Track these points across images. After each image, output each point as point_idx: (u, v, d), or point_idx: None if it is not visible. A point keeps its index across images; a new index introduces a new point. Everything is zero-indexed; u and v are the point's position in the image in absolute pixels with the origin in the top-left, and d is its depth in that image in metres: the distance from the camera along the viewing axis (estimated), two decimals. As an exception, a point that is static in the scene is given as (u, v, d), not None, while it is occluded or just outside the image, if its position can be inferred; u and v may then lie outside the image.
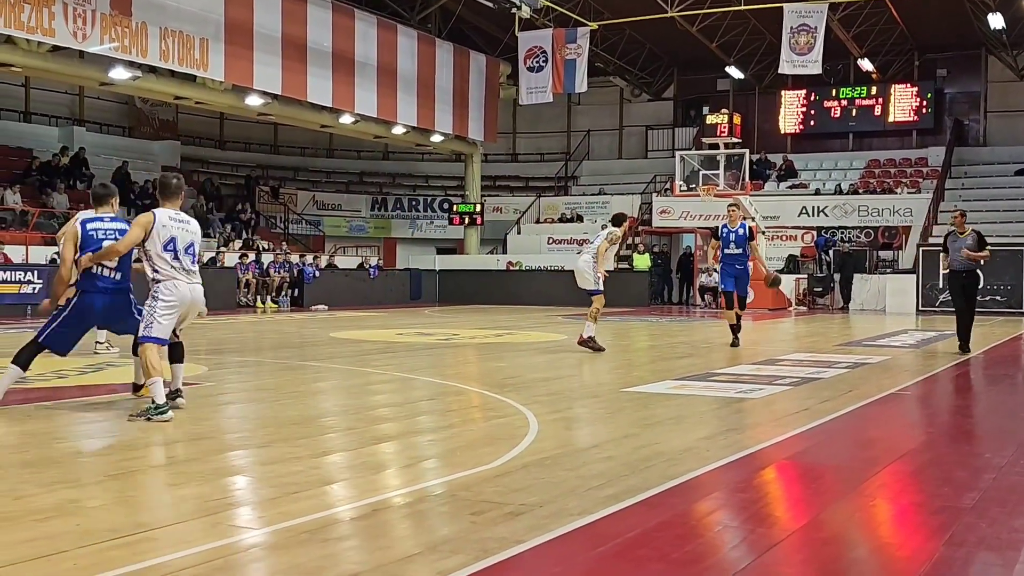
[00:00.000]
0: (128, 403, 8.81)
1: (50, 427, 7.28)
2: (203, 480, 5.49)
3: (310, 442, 6.81)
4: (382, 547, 4.25)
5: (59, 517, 4.63)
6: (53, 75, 25.05)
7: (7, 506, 4.78)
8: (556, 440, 6.82)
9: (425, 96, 31.29)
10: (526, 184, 41.17)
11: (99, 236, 7.81)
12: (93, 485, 5.47)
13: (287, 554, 4.17)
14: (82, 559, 4.01)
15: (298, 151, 40.57)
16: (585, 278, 13.77)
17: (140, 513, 4.85)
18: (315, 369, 11.49)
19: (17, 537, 4.24)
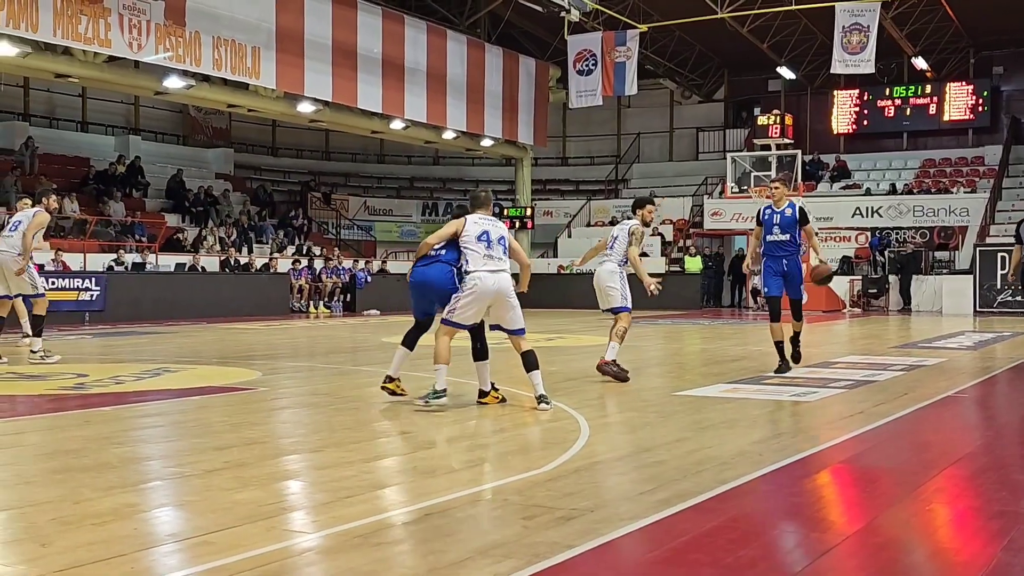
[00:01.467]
0: (187, 407, 8.94)
1: (109, 432, 7.39)
2: (258, 484, 5.54)
3: (363, 447, 6.85)
4: (434, 551, 4.27)
5: (117, 521, 4.69)
6: (109, 85, 25.47)
7: (67, 510, 4.86)
8: (607, 444, 6.80)
9: (475, 101, 31.37)
10: (576, 187, 41.14)
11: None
12: (150, 489, 5.55)
13: (340, 558, 4.20)
14: (139, 562, 4.07)
15: (349, 157, 40.84)
16: (608, 294, 10.87)
17: (196, 517, 4.90)
18: (367, 374, 11.55)
19: (76, 540, 4.31)
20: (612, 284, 10.75)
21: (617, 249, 10.92)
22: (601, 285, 10.89)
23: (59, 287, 21.66)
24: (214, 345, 15.54)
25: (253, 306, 25.20)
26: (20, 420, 7.88)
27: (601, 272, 10.92)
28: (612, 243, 10.96)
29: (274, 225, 33.74)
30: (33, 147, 29.34)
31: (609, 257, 10.94)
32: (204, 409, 8.90)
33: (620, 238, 10.89)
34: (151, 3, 21.41)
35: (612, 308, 10.86)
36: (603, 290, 10.90)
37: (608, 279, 10.81)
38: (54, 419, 7.71)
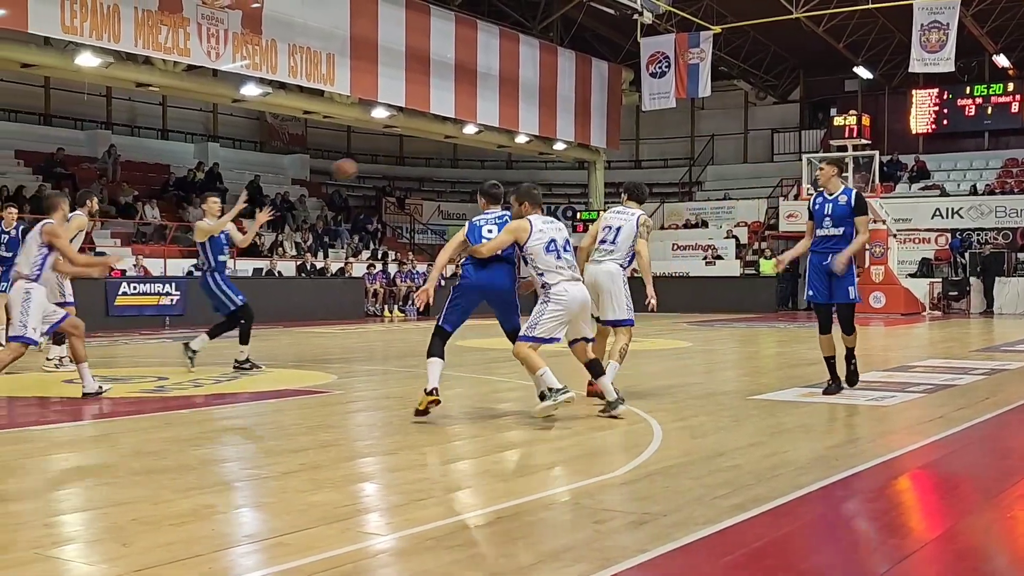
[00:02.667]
0: (264, 409, 9.06)
1: (187, 434, 7.52)
2: (333, 487, 5.61)
3: (436, 449, 6.90)
4: (506, 554, 4.28)
5: (195, 522, 4.78)
6: (188, 93, 25.98)
7: (147, 511, 4.96)
8: (681, 448, 6.77)
9: (547, 104, 31.39)
10: (649, 190, 40.86)
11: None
12: (228, 491, 5.64)
13: (413, 560, 4.23)
14: (217, 563, 4.14)
15: (423, 162, 41.11)
16: (615, 302, 8.96)
17: (272, 518, 4.97)
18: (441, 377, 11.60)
19: (156, 541, 4.40)
20: (619, 289, 8.96)
21: (621, 244, 8.96)
22: (604, 289, 8.91)
23: (140, 292, 22.10)
24: (290, 349, 15.74)
25: (328, 310, 25.45)
26: (103, 422, 8.06)
27: (601, 273, 8.92)
28: (614, 235, 8.98)
29: (349, 230, 34.08)
30: (115, 155, 29.99)
31: (611, 254, 8.97)
32: (280, 412, 9.02)
33: (625, 230, 8.99)
34: (228, 12, 21.77)
35: (617, 320, 9.01)
36: (608, 295, 8.92)
37: (613, 282, 8.92)
38: (135, 421, 7.87)
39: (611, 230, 9.05)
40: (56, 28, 19.15)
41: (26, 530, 4.56)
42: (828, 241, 9.21)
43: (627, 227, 9.03)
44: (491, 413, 8.78)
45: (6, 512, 4.90)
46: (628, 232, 9.01)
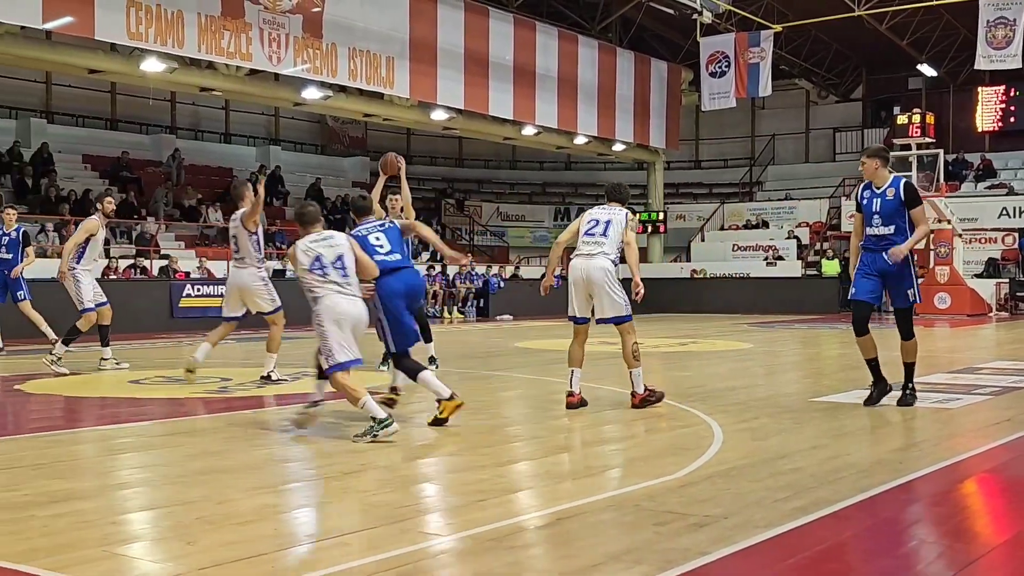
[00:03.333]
0: (325, 410, 9.14)
1: (250, 434, 7.61)
2: (393, 487, 5.64)
3: (495, 451, 6.91)
4: (566, 556, 4.28)
5: (258, 521, 4.84)
6: (250, 97, 26.31)
7: (211, 510, 5.03)
8: (741, 450, 6.72)
9: (606, 105, 31.34)
10: (710, 191, 40.70)
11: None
12: (290, 490, 5.70)
13: (473, 561, 4.24)
14: (279, 562, 4.18)
15: (482, 164, 41.22)
16: (613, 299, 8.50)
17: (334, 518, 5.02)
18: (501, 379, 11.64)
19: (220, 540, 4.46)
20: (614, 285, 8.47)
21: (612, 238, 8.47)
22: (598, 284, 8.42)
23: (204, 294, 22.40)
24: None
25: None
26: (168, 422, 8.18)
27: (593, 268, 8.40)
28: (604, 228, 8.50)
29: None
30: (180, 158, 30.44)
31: (601, 248, 8.44)
32: (341, 413, 9.08)
33: (614, 224, 8.51)
34: (290, 17, 22.01)
35: (618, 317, 8.57)
36: (604, 292, 8.44)
37: (607, 278, 8.42)
38: (199, 421, 7.97)
39: (599, 223, 8.57)
40: (122, 35, 19.50)
41: (93, 528, 4.64)
42: (881, 241, 8.40)
43: (616, 221, 8.54)
44: (550, 415, 8.77)
45: (74, 510, 4.99)
46: (618, 227, 8.51)
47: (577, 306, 8.61)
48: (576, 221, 8.87)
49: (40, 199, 25.25)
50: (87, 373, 11.99)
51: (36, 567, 4.01)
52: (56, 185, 25.80)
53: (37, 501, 5.18)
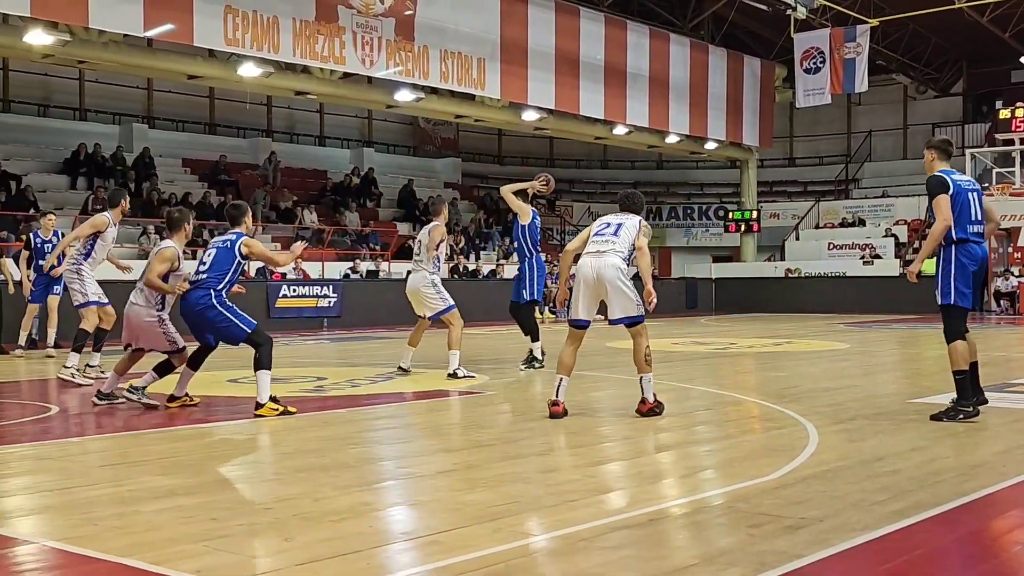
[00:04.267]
0: (418, 410, 9.23)
1: (346, 433, 7.72)
2: (486, 486, 5.68)
3: (587, 451, 6.91)
4: (659, 556, 4.26)
5: (353, 518, 4.91)
6: (344, 100, 26.67)
7: (307, 507, 5.11)
8: (837, 452, 6.61)
9: (698, 104, 31.09)
10: (804, 189, 40.12)
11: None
12: (384, 489, 5.77)
13: (565, 561, 4.25)
14: (374, 559, 4.24)
15: (573, 163, 41.19)
16: (627, 298, 8.10)
17: (427, 517, 5.07)
18: (592, 379, 11.61)
19: (316, 536, 4.53)
20: (627, 285, 8.08)
21: (624, 239, 8.17)
22: (610, 282, 8.04)
23: (299, 294, 22.76)
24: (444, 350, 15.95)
25: (481, 311, 25.67)
26: (265, 421, 8.32)
27: (605, 265, 8.05)
28: (615, 230, 8.25)
29: (500, 232, 34.39)
30: (276, 161, 30.98)
31: (612, 247, 8.14)
32: (434, 412, 9.18)
33: (626, 227, 8.25)
34: (382, 20, 22.25)
35: (630, 318, 8.15)
36: (616, 291, 8.05)
37: (620, 277, 8.04)
38: (295, 420, 8.10)
39: (610, 225, 8.35)
40: (219, 41, 19.93)
41: (194, 523, 4.75)
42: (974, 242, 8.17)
43: (629, 224, 8.28)
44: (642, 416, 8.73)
45: (175, 506, 5.12)
46: (631, 230, 8.23)
47: (582, 307, 8.22)
48: (587, 229, 8.65)
49: (142, 202, 25.90)
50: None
51: (139, 561, 4.12)
52: (157, 188, 26.45)
53: (141, 497, 5.33)
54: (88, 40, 19.62)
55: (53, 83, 28.68)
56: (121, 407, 8.81)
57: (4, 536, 4.60)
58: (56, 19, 18.37)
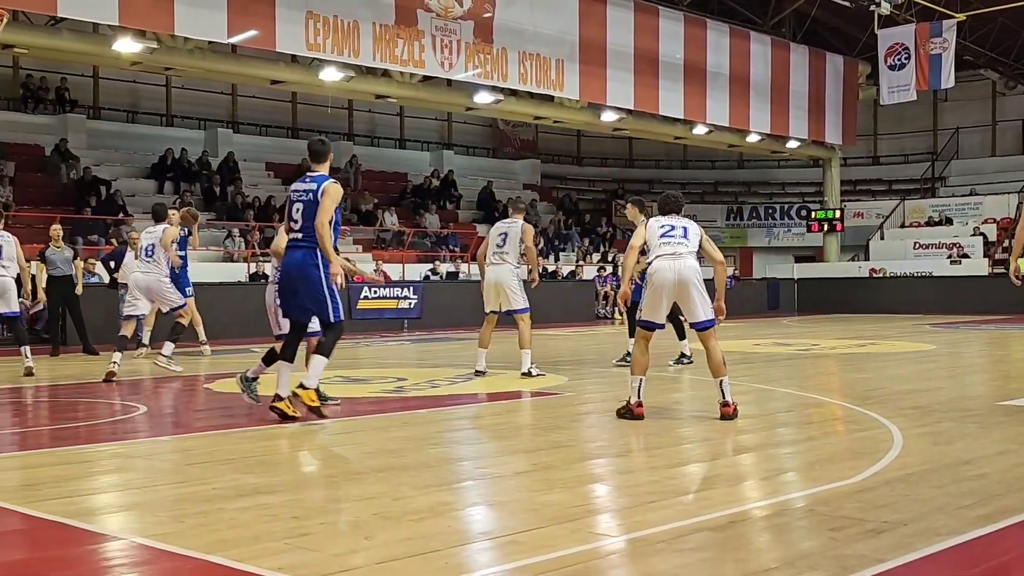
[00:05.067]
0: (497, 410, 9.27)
1: (425, 433, 7.78)
2: (564, 487, 5.68)
3: (667, 452, 6.88)
4: (738, 559, 4.23)
5: (433, 518, 4.95)
6: (424, 103, 26.87)
7: (387, 506, 5.17)
8: (922, 455, 6.50)
9: (779, 102, 30.73)
10: (889, 187, 39.43)
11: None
12: (463, 489, 5.80)
13: (643, 562, 4.24)
14: (453, 558, 4.27)
15: (653, 164, 40.99)
16: (702, 298, 8.21)
17: (506, 517, 5.09)
18: (671, 379, 11.55)
19: (396, 535, 4.58)
20: (702, 286, 8.22)
21: (692, 242, 8.25)
22: (691, 284, 8.13)
23: (380, 296, 22.98)
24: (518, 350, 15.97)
25: (560, 312, 25.73)
26: (346, 421, 8.43)
27: (685, 268, 8.10)
28: (684, 233, 8.25)
29: (579, 233, 34.36)
30: (357, 164, 31.32)
31: (687, 249, 8.19)
32: (513, 413, 9.21)
33: (692, 231, 8.31)
34: (461, 23, 22.37)
35: (708, 321, 8.24)
36: (695, 293, 8.15)
37: (698, 280, 8.15)
38: (376, 420, 8.20)
39: (675, 228, 8.34)
40: (301, 46, 20.22)
41: (277, 522, 4.83)
42: None
43: (694, 230, 8.35)
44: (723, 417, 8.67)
45: (259, 504, 5.21)
46: (696, 235, 8.32)
47: (659, 312, 8.28)
48: (641, 225, 8.77)
49: (227, 206, 26.37)
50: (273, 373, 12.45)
51: (224, 557, 4.20)
52: (241, 192, 26.90)
53: (225, 495, 5.43)
54: (174, 47, 20.04)
55: (141, 90, 29.36)
56: (245, 403, 8.78)
57: (94, 532, 4.73)
58: (143, 27, 18.79)
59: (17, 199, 23.29)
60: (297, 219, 7.95)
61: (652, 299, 8.23)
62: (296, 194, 8.06)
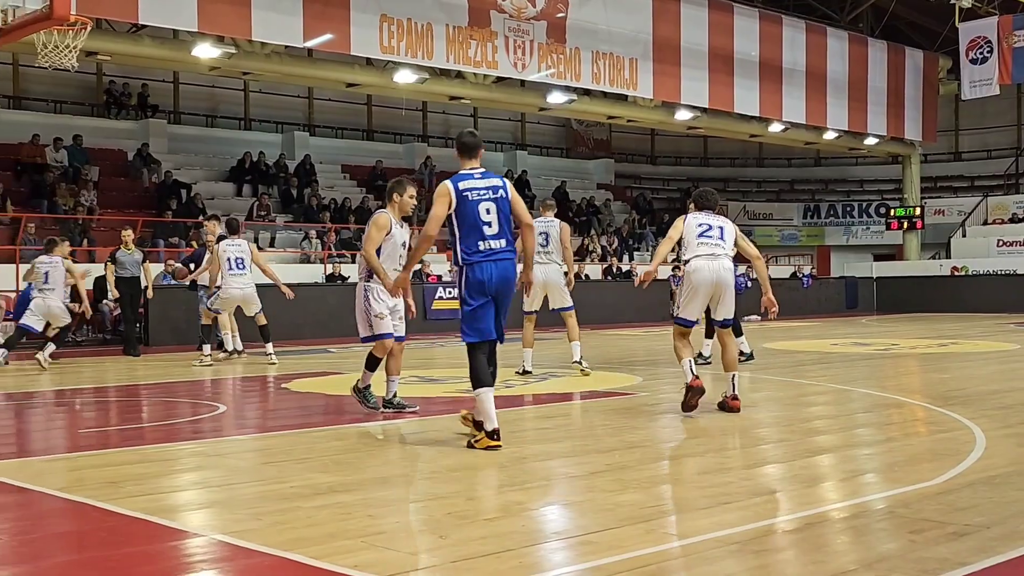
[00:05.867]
0: (571, 410, 9.26)
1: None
2: (638, 487, 5.66)
3: (742, 453, 6.82)
4: (815, 562, 4.18)
5: (506, 517, 4.96)
6: (497, 104, 26.97)
7: (461, 506, 5.19)
8: (1007, 457, 6.36)
9: (857, 99, 30.28)
10: (971, 184, 38.64)
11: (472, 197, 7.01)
12: (537, 488, 5.80)
13: (717, 564, 4.20)
14: (526, 558, 4.27)
15: (728, 162, 40.65)
16: (732, 298, 8.57)
17: (579, 517, 5.08)
18: (747, 380, 11.45)
19: (470, 535, 4.59)
20: (733, 288, 8.56)
21: (728, 242, 8.51)
22: (727, 285, 8.44)
23: (455, 296, 23.06)
24: (597, 351, 15.96)
25: (634, 312, 25.62)
26: (420, 420, 8.48)
27: (723, 269, 8.39)
28: (720, 233, 8.50)
29: (654, 232, 34.18)
30: (431, 166, 31.50)
31: (724, 251, 8.46)
32: (587, 413, 9.19)
33: (727, 230, 8.55)
34: (534, 24, 22.40)
35: (731, 319, 8.65)
36: (730, 295, 8.49)
37: (732, 279, 8.49)
38: (450, 420, 8.21)
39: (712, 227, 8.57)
40: (375, 49, 20.41)
41: (353, 520, 4.88)
42: None
43: (728, 227, 8.60)
44: (800, 417, 8.57)
45: (335, 503, 5.26)
46: (732, 234, 8.61)
47: (695, 308, 8.53)
48: (679, 220, 8.83)
49: (304, 208, 26.68)
50: (349, 373, 12.59)
51: (301, 555, 4.26)
52: (318, 194, 27.20)
53: (302, 493, 5.49)
54: (252, 52, 20.36)
55: (219, 95, 29.85)
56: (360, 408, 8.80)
57: (176, 529, 4.82)
58: (222, 33, 19.12)
59: (101, 203, 23.83)
60: (490, 221, 6.96)
61: (690, 297, 8.51)
62: (477, 192, 7.00)
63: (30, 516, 5.25)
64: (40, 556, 4.45)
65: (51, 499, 5.52)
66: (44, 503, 5.47)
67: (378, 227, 8.40)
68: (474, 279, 6.96)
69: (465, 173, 7.12)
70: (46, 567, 4.29)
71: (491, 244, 6.97)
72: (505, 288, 7.08)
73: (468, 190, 6.99)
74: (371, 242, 8.37)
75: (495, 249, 6.98)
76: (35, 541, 4.72)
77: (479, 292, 6.97)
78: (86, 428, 8.68)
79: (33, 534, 4.86)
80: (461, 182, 7.03)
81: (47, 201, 22.71)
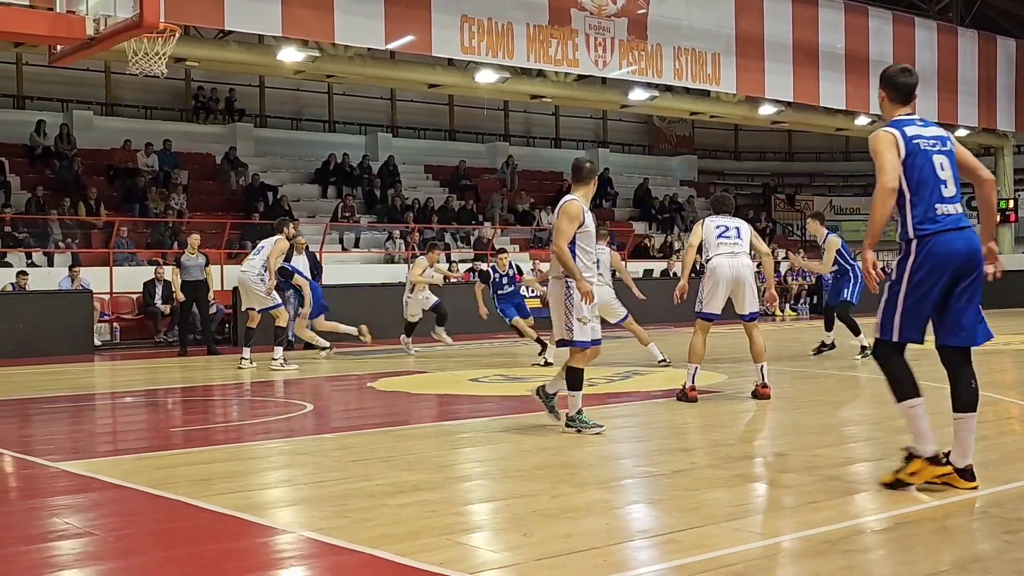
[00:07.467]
0: (655, 409, 9.23)
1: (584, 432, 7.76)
2: (724, 485, 5.61)
3: (830, 451, 6.72)
4: (905, 562, 4.10)
5: (591, 516, 4.95)
6: (579, 102, 26.92)
7: (546, 504, 5.19)
8: (1106, 456, 6.18)
9: (946, 89, 29.61)
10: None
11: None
12: (621, 487, 5.79)
13: (805, 563, 4.15)
14: (611, 556, 4.26)
15: (813, 156, 40.05)
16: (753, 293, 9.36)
17: (664, 515, 5.05)
18: (836, 378, 11.28)
19: (554, 532, 4.60)
20: (754, 283, 9.33)
21: (745, 241, 9.27)
22: (747, 280, 9.22)
23: (535, 295, 23.07)
24: (682, 349, 15.83)
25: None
26: (503, 419, 8.51)
27: (742, 266, 9.14)
28: (738, 233, 9.26)
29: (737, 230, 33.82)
30: (513, 165, 31.57)
31: (743, 248, 9.22)
32: (672, 411, 9.13)
33: (744, 230, 9.30)
34: (614, 21, 22.31)
35: (755, 313, 9.39)
36: (749, 288, 9.23)
37: (752, 276, 9.24)
38: (535, 418, 8.23)
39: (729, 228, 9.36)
40: (456, 50, 20.50)
41: (438, 518, 4.92)
42: None
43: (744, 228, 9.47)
44: (889, 415, 8.41)
45: (420, 501, 5.30)
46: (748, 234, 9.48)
47: (717, 302, 9.19)
48: (698, 226, 9.56)
49: (387, 208, 26.92)
50: (433, 372, 12.69)
51: (386, 552, 4.30)
52: (401, 195, 27.42)
53: (387, 491, 5.55)
54: (335, 55, 20.59)
55: (304, 97, 30.24)
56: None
57: (265, 526, 4.90)
58: (305, 37, 19.37)
59: (190, 206, 24.31)
60: (946, 180, 5.41)
61: (712, 292, 9.13)
62: (927, 142, 5.44)
63: (124, 512, 5.39)
64: (133, 552, 4.56)
65: (143, 496, 5.65)
66: (136, 500, 5.60)
67: (569, 217, 7.39)
68: (934, 255, 5.30)
69: (903, 119, 5.53)
70: (139, 563, 4.40)
71: (947, 209, 5.36)
72: (969, 268, 5.34)
73: (917, 137, 5.42)
74: (562, 236, 7.38)
75: (954, 215, 5.37)
76: (129, 537, 4.84)
77: (938, 273, 5.31)
78: (176, 427, 8.86)
79: (126, 530, 4.98)
80: (907, 127, 5.47)
81: (139, 205, 23.23)
